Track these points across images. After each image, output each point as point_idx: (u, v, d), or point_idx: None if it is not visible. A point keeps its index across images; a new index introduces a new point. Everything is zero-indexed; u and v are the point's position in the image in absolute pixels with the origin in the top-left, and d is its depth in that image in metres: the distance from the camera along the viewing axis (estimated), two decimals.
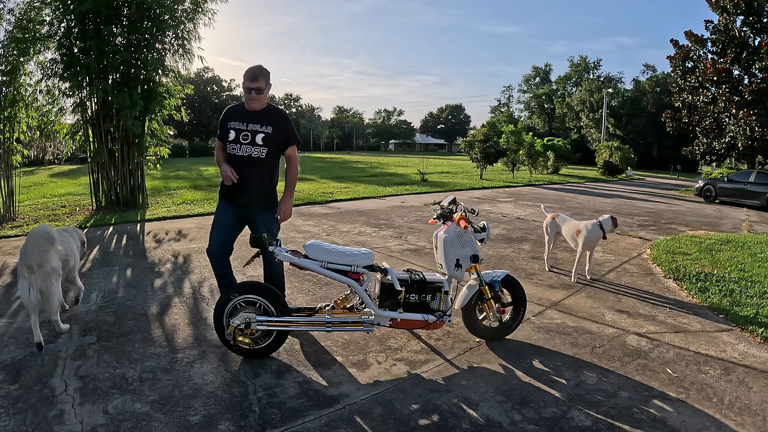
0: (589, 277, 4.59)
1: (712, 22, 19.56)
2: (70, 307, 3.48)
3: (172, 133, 10.65)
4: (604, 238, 4.50)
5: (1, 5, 7.51)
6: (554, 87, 55.89)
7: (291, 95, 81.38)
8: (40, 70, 8.06)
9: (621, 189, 16.92)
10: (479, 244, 3.00)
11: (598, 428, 2.16)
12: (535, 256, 5.53)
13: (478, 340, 3.08)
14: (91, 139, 8.48)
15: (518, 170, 20.53)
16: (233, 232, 3.12)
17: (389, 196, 11.37)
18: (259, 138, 2.94)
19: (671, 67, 21.13)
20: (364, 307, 2.85)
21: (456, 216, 2.94)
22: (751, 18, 18.31)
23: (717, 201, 13.77)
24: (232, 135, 2.95)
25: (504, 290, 3.09)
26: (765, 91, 17.21)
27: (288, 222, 7.32)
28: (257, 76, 2.92)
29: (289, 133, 3.04)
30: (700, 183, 14.71)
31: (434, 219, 3.13)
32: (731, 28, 18.87)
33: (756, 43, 18.60)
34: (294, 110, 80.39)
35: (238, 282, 3.12)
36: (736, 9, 18.41)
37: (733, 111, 18.11)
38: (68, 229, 3.58)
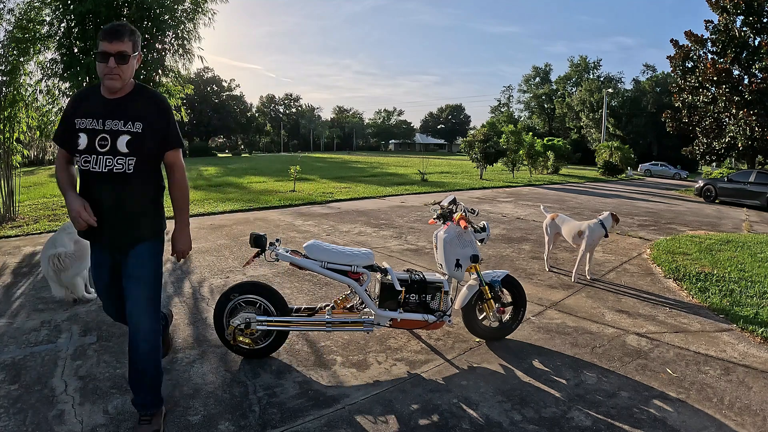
0: (589, 278, 4.59)
1: (712, 22, 19.58)
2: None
3: None
4: (606, 236, 4.53)
5: (1, 5, 7.51)
6: (554, 87, 55.93)
7: (291, 95, 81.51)
8: (40, 70, 8.06)
9: (621, 189, 16.92)
10: (479, 244, 3.00)
11: (598, 428, 2.16)
12: (535, 256, 5.53)
13: (478, 340, 3.08)
14: None
15: (518, 170, 20.54)
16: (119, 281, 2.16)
17: (389, 196, 11.37)
18: (122, 142, 1.94)
19: (671, 67, 21.15)
20: (364, 307, 2.85)
21: (456, 216, 2.94)
22: (751, 18, 18.32)
23: (717, 201, 13.77)
24: (83, 141, 1.93)
25: (504, 290, 3.09)
26: (765, 91, 17.21)
27: (288, 222, 7.32)
28: (119, 34, 1.89)
29: (167, 130, 2.04)
30: (700, 183, 14.71)
31: (434, 219, 3.13)
32: (731, 28, 18.88)
33: (756, 43, 18.61)
34: (294, 110, 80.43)
35: (237, 282, 3.12)
36: (736, 9, 18.42)
37: (733, 111, 18.12)
38: (65, 226, 3.78)
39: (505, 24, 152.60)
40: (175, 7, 8.42)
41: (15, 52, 7.62)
